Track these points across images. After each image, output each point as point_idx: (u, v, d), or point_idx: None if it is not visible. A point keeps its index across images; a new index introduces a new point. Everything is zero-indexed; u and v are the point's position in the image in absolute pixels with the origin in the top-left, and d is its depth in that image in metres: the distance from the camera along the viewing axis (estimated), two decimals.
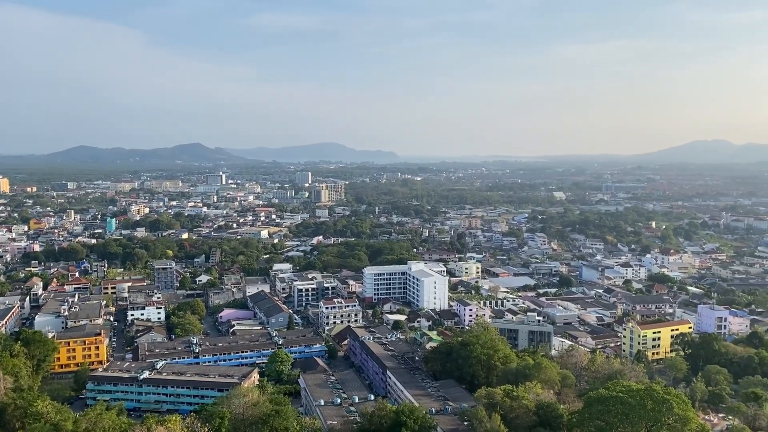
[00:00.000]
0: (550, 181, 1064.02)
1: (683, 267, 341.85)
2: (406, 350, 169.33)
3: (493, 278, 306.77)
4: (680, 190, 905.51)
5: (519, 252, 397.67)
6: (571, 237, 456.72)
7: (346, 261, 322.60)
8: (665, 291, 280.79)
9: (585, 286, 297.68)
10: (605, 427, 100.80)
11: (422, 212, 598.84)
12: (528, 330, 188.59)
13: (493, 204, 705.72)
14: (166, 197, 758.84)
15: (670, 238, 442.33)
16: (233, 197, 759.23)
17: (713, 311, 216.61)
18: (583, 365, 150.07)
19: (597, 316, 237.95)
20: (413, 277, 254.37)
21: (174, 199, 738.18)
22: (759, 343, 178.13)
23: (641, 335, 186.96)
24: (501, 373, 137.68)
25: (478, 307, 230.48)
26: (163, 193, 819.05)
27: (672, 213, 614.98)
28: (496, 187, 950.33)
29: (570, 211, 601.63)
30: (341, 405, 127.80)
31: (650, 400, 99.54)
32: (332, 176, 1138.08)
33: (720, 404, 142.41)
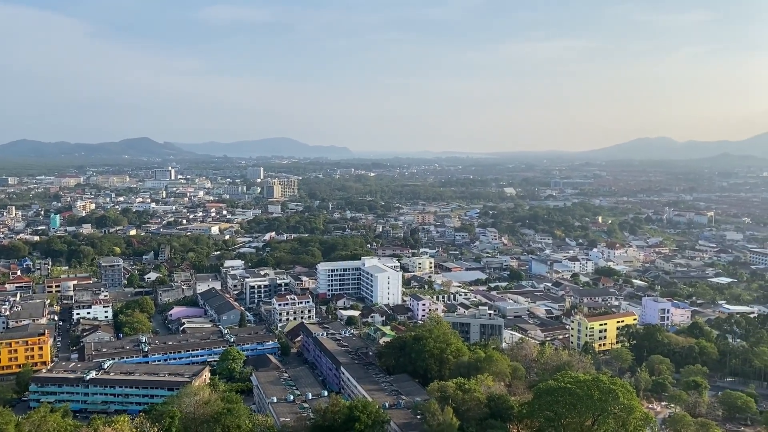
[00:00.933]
0: (501, 177, 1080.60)
1: (628, 260, 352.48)
2: (360, 346, 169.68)
3: (445, 273, 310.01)
4: (625, 185, 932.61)
5: (471, 247, 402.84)
6: (521, 232, 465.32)
7: (299, 257, 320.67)
8: (611, 284, 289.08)
9: (534, 279, 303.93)
10: (554, 417, 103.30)
11: (376, 208, 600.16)
12: (479, 323, 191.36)
13: (445, 199, 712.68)
14: (113, 193, 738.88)
15: (616, 233, 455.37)
16: (183, 193, 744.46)
17: (656, 303, 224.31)
18: (533, 357, 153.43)
19: (546, 309, 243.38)
20: (367, 272, 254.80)
21: (121, 195, 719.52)
22: (699, 334, 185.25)
23: (588, 327, 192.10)
24: (453, 367, 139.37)
25: (431, 302, 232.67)
26: (110, 189, 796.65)
27: (617, 208, 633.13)
28: (448, 183, 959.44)
29: (520, 207, 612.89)
30: (294, 402, 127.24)
31: (597, 390, 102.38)
32: (285, 172, 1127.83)
33: (663, 393, 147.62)
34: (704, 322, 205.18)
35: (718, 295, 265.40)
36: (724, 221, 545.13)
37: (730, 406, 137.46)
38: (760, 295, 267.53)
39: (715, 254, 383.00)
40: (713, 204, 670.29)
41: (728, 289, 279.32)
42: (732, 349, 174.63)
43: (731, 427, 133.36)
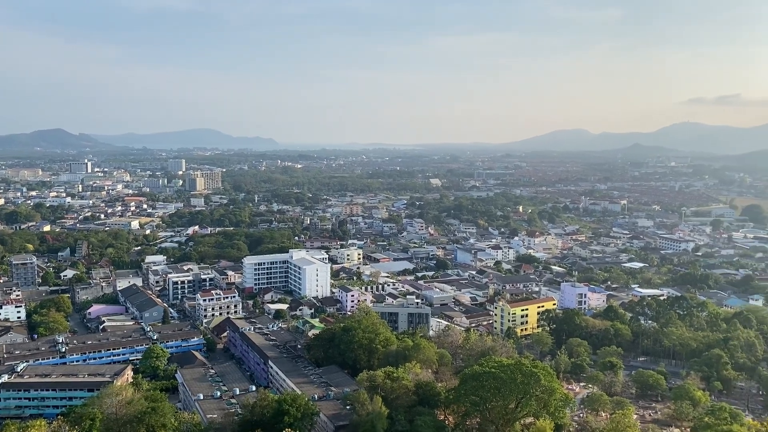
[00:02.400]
0: (426, 169, 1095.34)
1: (547, 248, 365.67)
2: (288, 339, 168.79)
3: (374, 264, 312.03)
4: (544, 176, 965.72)
5: (398, 237, 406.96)
6: (447, 222, 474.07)
7: (224, 251, 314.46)
8: (532, 271, 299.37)
9: (460, 268, 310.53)
10: (479, 401, 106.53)
11: (303, 200, 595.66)
12: (407, 313, 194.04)
13: (373, 191, 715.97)
14: (24, 187, 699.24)
15: (536, 221, 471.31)
16: (100, 186, 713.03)
17: (574, 288, 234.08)
18: (459, 344, 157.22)
19: (471, 297, 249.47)
20: (295, 265, 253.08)
21: (33, 189, 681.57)
22: (614, 316, 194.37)
23: (511, 313, 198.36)
24: (382, 356, 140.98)
25: (359, 293, 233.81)
26: (21, 183, 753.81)
27: (537, 198, 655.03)
28: (376, 175, 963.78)
29: (445, 197, 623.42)
30: (221, 398, 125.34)
31: (520, 373, 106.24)
32: (208, 163, 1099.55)
33: (581, 374, 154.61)
34: (618, 305, 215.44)
35: (631, 279, 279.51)
36: (636, 209, 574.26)
37: (643, 384, 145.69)
38: (669, 279, 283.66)
39: (627, 240, 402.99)
40: (626, 193, 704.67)
41: (640, 273, 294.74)
42: (644, 330, 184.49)
43: (644, 403, 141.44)
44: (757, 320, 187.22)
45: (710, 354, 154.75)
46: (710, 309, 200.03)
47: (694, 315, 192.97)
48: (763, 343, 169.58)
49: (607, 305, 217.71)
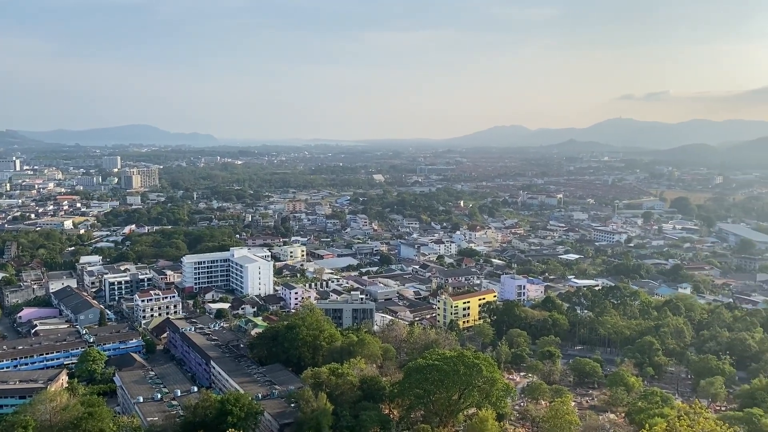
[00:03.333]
0: (370, 165, 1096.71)
1: (488, 241, 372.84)
2: (231, 338, 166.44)
3: (318, 260, 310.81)
4: (484, 171, 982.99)
5: (342, 233, 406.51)
6: (390, 217, 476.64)
7: (162, 250, 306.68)
8: (473, 264, 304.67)
9: (403, 263, 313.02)
10: (423, 394, 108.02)
11: (244, 197, 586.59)
12: (352, 308, 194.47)
13: (316, 187, 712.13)
14: None
15: (477, 216, 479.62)
16: (30, 185, 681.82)
17: (514, 280, 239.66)
18: (403, 338, 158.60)
19: (414, 291, 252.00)
20: (236, 263, 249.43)
21: None
22: (552, 307, 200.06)
23: (453, 306, 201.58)
24: (327, 353, 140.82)
25: (303, 290, 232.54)
26: None
27: (477, 192, 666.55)
28: (319, 171, 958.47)
29: (389, 193, 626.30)
30: (162, 400, 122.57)
31: (462, 365, 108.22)
32: (144, 160, 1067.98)
33: (521, 363, 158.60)
34: (556, 296, 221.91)
35: (567, 271, 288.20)
36: (572, 202, 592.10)
37: (580, 371, 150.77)
38: (603, 269, 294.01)
39: (564, 233, 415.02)
40: (562, 187, 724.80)
41: (576, 264, 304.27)
42: (580, 319, 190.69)
43: (581, 390, 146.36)
44: (686, 308, 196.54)
45: (642, 341, 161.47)
46: (642, 298, 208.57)
47: (627, 304, 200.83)
48: (691, 329, 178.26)
49: (545, 296, 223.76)
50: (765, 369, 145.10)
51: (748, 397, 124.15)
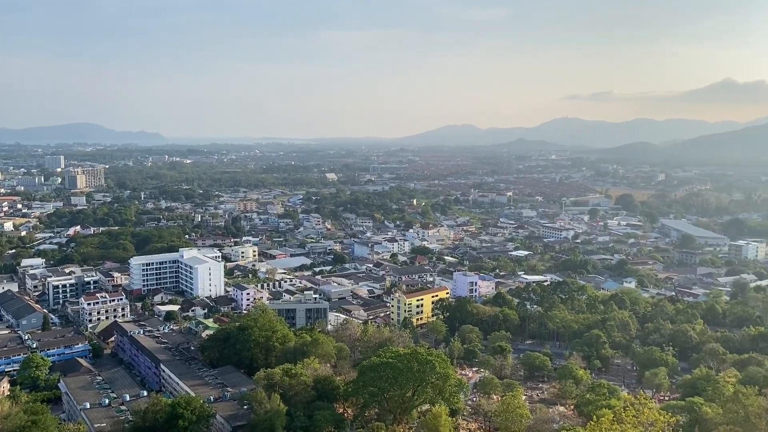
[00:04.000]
0: (322, 163, 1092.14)
1: (440, 239, 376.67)
2: (181, 341, 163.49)
3: (270, 260, 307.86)
4: (436, 170, 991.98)
5: (295, 233, 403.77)
6: (344, 216, 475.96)
7: (109, 252, 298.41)
8: (426, 262, 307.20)
9: (357, 262, 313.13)
10: (377, 392, 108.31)
11: (194, 196, 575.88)
12: (305, 308, 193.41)
13: (268, 186, 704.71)
14: None
15: (429, 214, 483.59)
16: None
17: (466, 277, 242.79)
18: (357, 337, 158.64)
19: (368, 290, 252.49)
20: (186, 264, 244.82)
21: None
22: (503, 303, 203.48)
23: (407, 303, 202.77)
24: (280, 354, 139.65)
25: (255, 291, 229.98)
26: None
27: (430, 191, 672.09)
28: (270, 170, 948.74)
29: (342, 192, 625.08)
30: (110, 406, 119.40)
31: (416, 362, 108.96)
32: (89, 160, 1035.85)
33: (474, 359, 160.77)
34: (506, 291, 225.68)
35: (517, 267, 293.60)
36: (521, 200, 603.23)
37: (530, 365, 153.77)
38: (552, 265, 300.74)
39: (514, 230, 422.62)
40: (511, 185, 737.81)
41: (525, 260, 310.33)
42: (530, 314, 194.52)
43: (531, 384, 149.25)
44: (631, 301, 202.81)
45: (590, 334, 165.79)
46: (589, 292, 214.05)
47: (575, 298, 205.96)
48: (636, 322, 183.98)
49: (496, 292, 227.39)
50: (705, 359, 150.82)
51: (689, 387, 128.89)
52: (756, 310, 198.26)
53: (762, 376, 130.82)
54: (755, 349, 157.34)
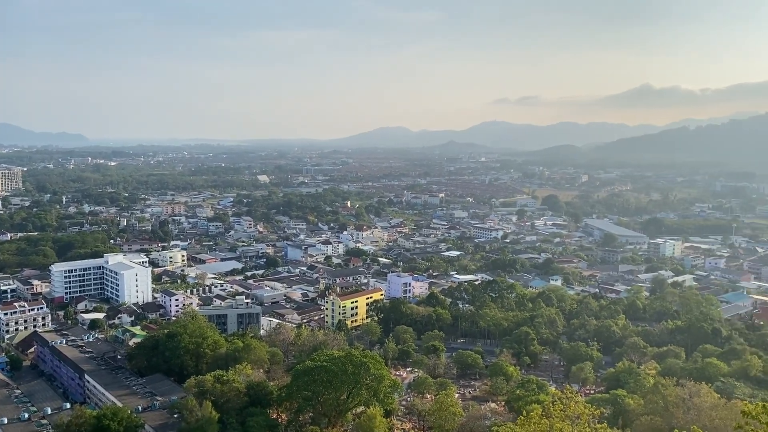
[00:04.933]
0: (254, 165, 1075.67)
1: (375, 241, 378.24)
2: (107, 350, 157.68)
3: (200, 265, 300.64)
4: (370, 171, 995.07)
5: (226, 236, 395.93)
6: (276, 219, 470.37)
7: (28, 258, 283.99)
8: (360, 263, 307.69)
9: (290, 265, 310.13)
10: (312, 396, 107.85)
11: (119, 200, 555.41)
12: (237, 313, 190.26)
13: (197, 189, 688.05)
14: None
15: (363, 216, 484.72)
16: None
17: (400, 278, 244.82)
18: (291, 341, 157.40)
19: (302, 293, 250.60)
20: (111, 270, 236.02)
21: None
22: (436, 302, 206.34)
23: (341, 306, 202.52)
24: (211, 360, 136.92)
25: (184, 296, 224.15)
26: None
27: (364, 192, 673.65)
28: (199, 171, 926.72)
29: (274, 194, 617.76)
30: (30, 420, 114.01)
31: (350, 364, 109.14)
32: (5, 162, 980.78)
33: (408, 359, 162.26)
34: (439, 291, 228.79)
35: (449, 267, 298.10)
36: (453, 201, 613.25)
37: (463, 363, 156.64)
38: (483, 265, 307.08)
39: (446, 231, 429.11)
40: (443, 186, 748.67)
41: (457, 261, 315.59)
42: (462, 313, 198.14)
43: (464, 382, 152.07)
44: (557, 298, 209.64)
45: (519, 332, 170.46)
46: (518, 290, 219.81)
47: (505, 297, 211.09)
48: (563, 318, 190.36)
49: (429, 292, 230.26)
50: (627, 353, 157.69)
51: (613, 380, 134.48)
52: (673, 305, 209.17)
53: (679, 367, 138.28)
54: (673, 341, 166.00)
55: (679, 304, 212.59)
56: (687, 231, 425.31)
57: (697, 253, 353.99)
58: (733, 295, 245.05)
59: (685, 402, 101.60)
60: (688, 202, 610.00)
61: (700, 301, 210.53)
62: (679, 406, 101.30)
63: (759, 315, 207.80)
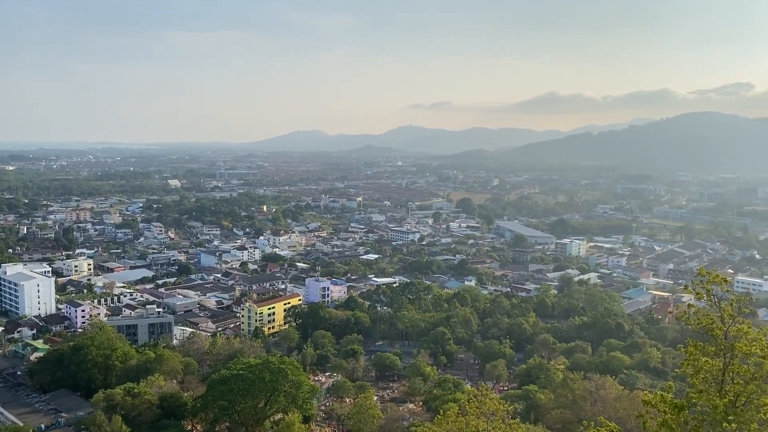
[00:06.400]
0: (164, 169, 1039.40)
1: (292, 245, 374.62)
2: (6, 366, 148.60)
3: (107, 274, 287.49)
4: (287, 175, 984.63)
5: (135, 244, 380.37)
6: (189, 224, 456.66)
7: None
8: (278, 269, 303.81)
9: (204, 272, 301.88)
10: (228, 405, 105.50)
11: (18, 206, 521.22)
12: (148, 323, 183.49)
13: (104, 194, 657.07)
14: None
15: (280, 220, 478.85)
16: None
17: (318, 282, 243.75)
18: (205, 350, 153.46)
19: (217, 300, 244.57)
20: (9, 281, 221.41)
21: None
22: (355, 306, 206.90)
23: (258, 313, 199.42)
24: (121, 373, 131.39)
25: (91, 307, 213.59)
26: None
27: (281, 197, 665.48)
28: (106, 176, 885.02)
29: (186, 199, 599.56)
30: None
31: (268, 371, 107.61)
32: None
33: (326, 364, 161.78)
34: (358, 295, 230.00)
35: (368, 270, 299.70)
36: (371, 205, 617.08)
37: (381, 366, 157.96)
38: (400, 267, 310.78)
39: (364, 234, 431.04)
40: (361, 190, 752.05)
41: (376, 264, 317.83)
42: (381, 316, 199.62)
43: (383, 384, 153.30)
44: (472, 298, 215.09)
45: (436, 332, 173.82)
46: (434, 292, 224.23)
47: (422, 298, 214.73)
48: (477, 318, 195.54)
49: (348, 296, 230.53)
50: (538, 349, 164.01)
51: (525, 376, 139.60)
52: (580, 302, 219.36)
53: (586, 361, 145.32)
54: (580, 337, 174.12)
55: (585, 301, 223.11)
56: (591, 231, 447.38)
57: (601, 252, 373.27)
58: (634, 291, 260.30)
59: (591, 395, 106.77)
60: (592, 204, 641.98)
61: (604, 297, 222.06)
62: (586, 399, 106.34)
63: (657, 309, 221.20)
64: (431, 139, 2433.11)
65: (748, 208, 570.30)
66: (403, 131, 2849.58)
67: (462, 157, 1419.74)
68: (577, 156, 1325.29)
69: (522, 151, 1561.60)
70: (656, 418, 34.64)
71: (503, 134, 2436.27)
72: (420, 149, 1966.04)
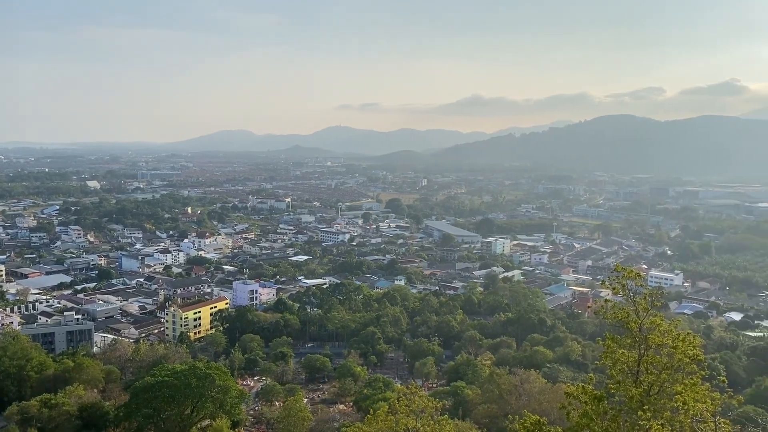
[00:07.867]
0: (82, 170, 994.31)
1: (218, 248, 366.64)
2: None
3: (21, 280, 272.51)
4: (212, 176, 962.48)
5: (51, 248, 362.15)
6: (109, 227, 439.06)
7: None
8: (204, 272, 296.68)
9: (126, 276, 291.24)
10: (153, 413, 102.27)
11: None
12: (66, 331, 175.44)
13: (16, 196, 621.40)
14: None
15: (206, 222, 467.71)
16: None
17: (246, 285, 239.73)
18: (128, 357, 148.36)
19: (140, 306, 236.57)
20: None
21: None
22: (284, 308, 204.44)
23: (183, 317, 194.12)
24: (36, 383, 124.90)
25: (3, 315, 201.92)
26: None
27: (206, 198, 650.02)
28: (19, 177, 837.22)
29: (106, 201, 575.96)
30: None
31: (194, 377, 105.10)
32: None
33: (255, 368, 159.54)
34: (287, 297, 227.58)
35: (297, 272, 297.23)
36: (300, 206, 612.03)
37: (311, 368, 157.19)
38: (330, 268, 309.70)
39: (293, 236, 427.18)
40: (290, 191, 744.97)
41: (305, 265, 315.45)
42: (310, 317, 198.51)
43: (313, 386, 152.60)
44: (401, 297, 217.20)
45: (366, 332, 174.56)
46: (365, 292, 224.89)
47: (352, 299, 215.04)
48: (407, 316, 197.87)
49: (277, 298, 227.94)
50: (465, 346, 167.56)
51: (453, 372, 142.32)
52: (504, 299, 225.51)
53: (511, 356, 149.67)
54: (505, 333, 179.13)
55: (509, 297, 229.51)
56: (515, 230, 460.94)
57: (524, 250, 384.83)
58: (555, 287, 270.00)
59: (517, 389, 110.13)
60: (515, 204, 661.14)
61: (527, 294, 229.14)
62: (512, 393, 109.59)
63: (577, 304, 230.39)
64: (360, 139, 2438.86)
65: (659, 207, 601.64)
66: (332, 132, 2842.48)
67: (391, 158, 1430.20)
68: (501, 157, 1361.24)
69: (449, 152, 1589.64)
70: (578, 409, 36.24)
71: (431, 135, 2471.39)
72: (349, 150, 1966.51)
